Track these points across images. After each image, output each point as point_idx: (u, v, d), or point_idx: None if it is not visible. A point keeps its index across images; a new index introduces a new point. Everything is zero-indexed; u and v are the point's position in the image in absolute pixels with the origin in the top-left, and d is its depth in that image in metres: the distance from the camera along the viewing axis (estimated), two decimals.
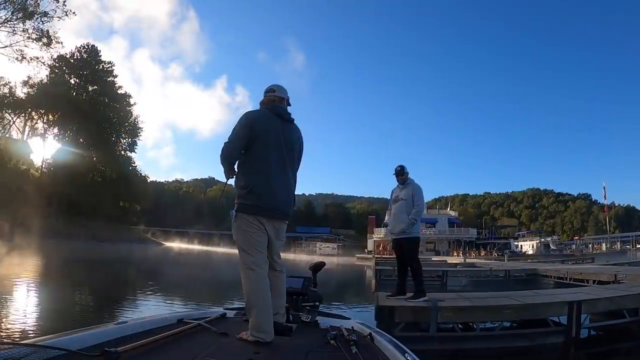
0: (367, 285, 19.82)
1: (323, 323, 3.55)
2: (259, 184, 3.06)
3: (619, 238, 71.47)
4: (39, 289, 11.61)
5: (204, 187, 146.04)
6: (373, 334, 3.00)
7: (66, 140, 64.59)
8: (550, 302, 6.48)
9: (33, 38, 50.78)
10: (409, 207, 6.48)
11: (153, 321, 2.99)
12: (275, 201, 3.10)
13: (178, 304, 10.61)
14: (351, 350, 2.53)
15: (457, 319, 5.84)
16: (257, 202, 3.04)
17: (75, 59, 68.16)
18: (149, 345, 2.34)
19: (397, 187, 6.84)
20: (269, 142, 3.09)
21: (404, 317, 5.65)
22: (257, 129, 3.08)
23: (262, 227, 3.08)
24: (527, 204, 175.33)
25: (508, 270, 18.19)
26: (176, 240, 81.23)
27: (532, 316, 6.21)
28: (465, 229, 64.91)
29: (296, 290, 3.92)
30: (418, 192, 6.58)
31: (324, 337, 2.87)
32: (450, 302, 6.07)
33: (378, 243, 61.89)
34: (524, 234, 78.22)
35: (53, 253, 26.72)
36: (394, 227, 6.64)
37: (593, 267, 18.02)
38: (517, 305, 6.10)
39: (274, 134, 3.12)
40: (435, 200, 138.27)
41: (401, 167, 6.72)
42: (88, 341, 2.22)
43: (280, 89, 3.37)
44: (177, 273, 21.66)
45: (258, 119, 3.15)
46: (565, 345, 6.34)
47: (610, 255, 44.32)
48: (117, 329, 2.59)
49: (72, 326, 3.10)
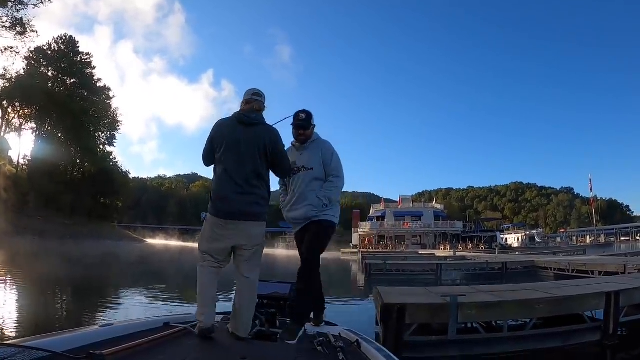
0: (358, 282, 18.73)
1: (310, 329, 3.47)
2: (217, 187, 3.19)
3: (603, 231, 71.98)
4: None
5: (187, 183, 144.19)
6: (360, 341, 2.95)
7: (43, 135, 62.40)
8: (586, 293, 5.45)
9: (6, 27, 48.74)
10: (319, 179, 3.80)
11: (139, 324, 2.96)
12: (231, 202, 3.10)
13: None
14: (338, 357, 2.52)
15: (481, 318, 4.76)
16: (215, 204, 3.15)
17: (53, 51, 65.61)
18: (135, 349, 2.33)
19: (292, 149, 3.91)
20: (223, 148, 3.19)
21: (416, 318, 4.55)
22: (215, 138, 3.25)
23: (223, 228, 3.11)
24: (510, 198, 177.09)
25: (505, 262, 17.42)
26: (158, 237, 79.35)
27: (567, 311, 5.21)
28: (452, 222, 64.10)
29: (283, 296, 3.93)
30: (333, 156, 3.85)
31: (311, 343, 2.86)
32: (472, 297, 4.95)
33: (363, 237, 61.12)
34: (508, 227, 78.08)
35: (13, 252, 25.10)
36: (296, 211, 3.84)
37: (597, 258, 17.22)
38: (551, 299, 5.07)
39: (229, 140, 3.19)
40: (419, 194, 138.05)
41: (307, 115, 3.84)
42: (73, 343, 2.22)
43: (246, 94, 3.39)
44: (146, 272, 20.33)
45: (215, 130, 3.31)
46: (602, 345, 5.38)
47: (600, 248, 44.24)
48: (102, 332, 2.60)
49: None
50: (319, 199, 3.68)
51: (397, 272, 17.27)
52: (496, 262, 17.68)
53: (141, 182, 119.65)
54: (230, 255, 3.19)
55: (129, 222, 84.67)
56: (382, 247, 56.31)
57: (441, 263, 17.67)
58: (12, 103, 58.25)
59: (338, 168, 3.84)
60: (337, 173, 3.81)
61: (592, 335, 5.44)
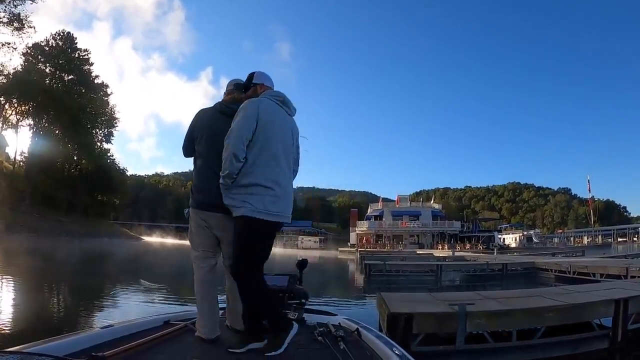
0: (356, 282, 18.60)
1: (310, 320, 3.48)
2: (197, 179, 3.08)
3: (600, 231, 72.04)
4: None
5: (185, 180, 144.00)
6: (360, 330, 3.00)
7: (41, 131, 61.96)
8: (595, 301, 5.33)
9: (4, 22, 48.43)
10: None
11: (139, 324, 2.96)
12: (210, 194, 2.92)
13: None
14: (339, 347, 2.54)
15: (491, 327, 4.61)
16: (195, 197, 3.05)
17: (50, 47, 65.05)
18: (136, 349, 2.34)
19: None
20: (203, 138, 3.07)
21: (424, 327, 4.41)
22: (195, 129, 3.14)
23: (204, 223, 3.01)
24: (507, 198, 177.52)
25: (505, 263, 17.31)
26: (155, 235, 79.14)
27: (577, 319, 5.08)
28: (450, 222, 64.08)
29: (282, 288, 3.88)
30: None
31: (312, 334, 2.90)
32: (480, 306, 4.81)
33: (361, 236, 61.03)
34: (506, 227, 78.06)
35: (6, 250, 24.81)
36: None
37: (598, 260, 17.12)
38: (561, 306, 4.94)
39: (209, 130, 3.07)
40: (416, 193, 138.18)
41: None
42: (75, 346, 2.24)
43: (228, 85, 3.34)
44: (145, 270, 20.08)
45: (195, 120, 3.19)
46: (610, 352, 5.28)
47: (598, 249, 44.25)
48: (103, 333, 2.58)
49: None
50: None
51: (396, 272, 17.14)
52: (496, 264, 17.54)
53: (139, 180, 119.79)
54: (218, 246, 3.07)
55: (125, 219, 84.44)
56: (379, 246, 56.10)
57: (441, 264, 17.53)
58: (9, 99, 57.78)
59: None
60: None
61: (601, 343, 5.34)
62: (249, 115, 2.78)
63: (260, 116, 2.79)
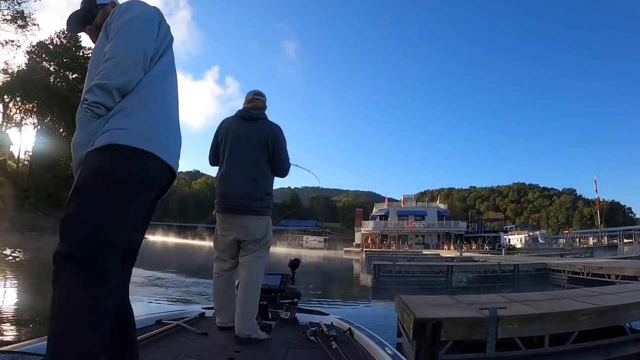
0: (363, 282, 18.32)
1: (302, 319, 3.52)
2: (220, 183, 3.23)
3: (606, 232, 71.56)
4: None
5: (189, 180, 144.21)
6: (352, 329, 3.03)
7: (45, 130, 61.82)
8: (629, 303, 5.06)
9: (7, 20, 48.31)
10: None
11: None
12: (233, 196, 3.12)
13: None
14: (331, 346, 2.56)
15: (523, 332, 4.31)
16: (219, 200, 3.20)
17: (55, 45, 65.02)
18: None
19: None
20: (227, 143, 3.25)
21: (453, 334, 4.13)
22: (219, 134, 3.35)
23: (227, 222, 3.17)
24: (512, 198, 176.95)
25: (517, 264, 17.01)
26: (157, 234, 78.93)
27: (610, 322, 4.82)
28: (455, 222, 63.73)
29: (274, 288, 3.95)
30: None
31: (304, 333, 2.93)
32: (512, 310, 4.52)
33: (366, 236, 60.73)
34: (511, 227, 77.75)
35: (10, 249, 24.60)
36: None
37: (611, 261, 16.84)
38: (594, 309, 4.66)
39: (232, 135, 3.26)
40: (421, 193, 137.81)
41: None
42: None
43: (248, 94, 3.47)
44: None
45: (219, 127, 3.40)
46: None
47: (605, 250, 43.96)
48: None
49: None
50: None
51: (406, 273, 16.86)
52: (508, 264, 17.26)
53: None
54: (239, 250, 3.21)
55: None
56: (385, 246, 55.71)
57: (451, 265, 17.25)
58: (13, 98, 57.72)
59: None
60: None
61: (633, 348, 5.07)
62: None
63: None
